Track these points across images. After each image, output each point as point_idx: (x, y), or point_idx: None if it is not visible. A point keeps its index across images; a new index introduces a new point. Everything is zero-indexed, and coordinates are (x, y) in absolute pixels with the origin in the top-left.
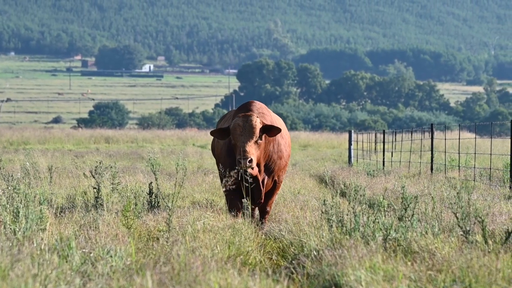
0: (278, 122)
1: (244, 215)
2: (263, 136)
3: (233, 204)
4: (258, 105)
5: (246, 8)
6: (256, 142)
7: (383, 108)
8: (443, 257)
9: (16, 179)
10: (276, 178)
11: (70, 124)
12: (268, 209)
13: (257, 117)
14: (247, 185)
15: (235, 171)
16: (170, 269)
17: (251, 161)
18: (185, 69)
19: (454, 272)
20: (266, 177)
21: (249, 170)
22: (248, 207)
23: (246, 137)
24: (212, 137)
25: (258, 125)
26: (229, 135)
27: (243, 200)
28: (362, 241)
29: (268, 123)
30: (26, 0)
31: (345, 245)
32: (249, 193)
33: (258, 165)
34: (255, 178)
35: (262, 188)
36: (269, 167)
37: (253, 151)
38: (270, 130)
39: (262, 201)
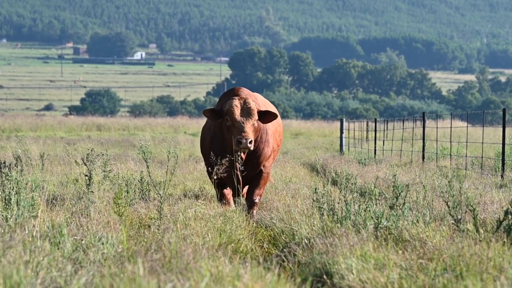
0: (271, 108)
1: (229, 200)
2: (257, 123)
3: (222, 193)
4: (246, 91)
5: None
6: (253, 125)
7: (375, 96)
8: (434, 245)
9: (7, 166)
10: (262, 168)
11: (62, 111)
12: (256, 200)
13: (252, 101)
14: (237, 172)
15: (226, 159)
16: (162, 256)
17: (251, 142)
18: (176, 56)
19: (445, 261)
20: (249, 167)
21: (242, 154)
22: (239, 195)
23: (245, 117)
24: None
25: (255, 108)
26: (221, 117)
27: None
28: (353, 229)
29: (261, 108)
30: None
31: (336, 233)
32: (239, 180)
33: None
34: (233, 167)
35: (240, 178)
36: (254, 155)
37: (251, 133)
38: (264, 116)
39: (241, 187)
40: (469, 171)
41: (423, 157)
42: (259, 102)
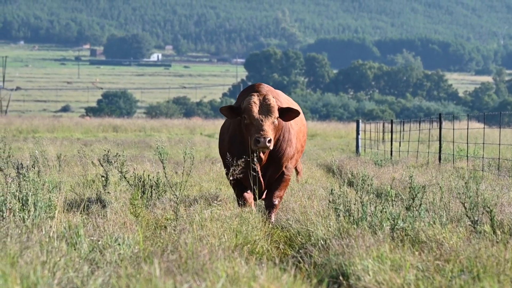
0: (293, 105)
1: (250, 204)
2: (278, 120)
3: (240, 194)
4: (267, 88)
5: None
6: (273, 122)
7: (391, 97)
8: (451, 247)
9: (25, 167)
10: (284, 169)
11: (78, 112)
12: (275, 202)
13: (273, 97)
14: (254, 174)
15: (242, 160)
16: (178, 257)
17: (270, 141)
18: (192, 58)
19: (462, 262)
20: (271, 168)
21: (261, 154)
22: (259, 198)
23: (264, 115)
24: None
25: (276, 105)
26: (239, 115)
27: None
28: (369, 230)
29: (282, 105)
30: None
31: (352, 234)
32: (256, 182)
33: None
34: (253, 168)
35: (262, 180)
36: (276, 156)
37: (270, 131)
38: (286, 113)
39: (264, 188)
40: (486, 173)
41: (440, 159)
42: (281, 99)
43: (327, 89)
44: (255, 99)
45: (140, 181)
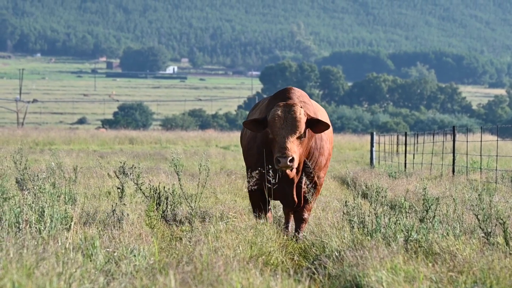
0: (322, 114)
1: (266, 216)
2: (307, 131)
3: (257, 205)
4: (298, 93)
5: (269, 10)
6: (299, 137)
7: (405, 110)
8: (464, 258)
9: (41, 179)
10: (316, 179)
11: (95, 125)
12: (305, 215)
13: (301, 107)
14: (269, 185)
15: (258, 171)
16: (193, 268)
17: (292, 160)
18: (208, 71)
19: (475, 274)
20: (304, 178)
21: (288, 171)
22: (270, 209)
23: (288, 131)
24: (243, 128)
25: (303, 118)
26: (265, 127)
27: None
28: (383, 242)
29: (312, 115)
30: (52, 2)
31: (366, 246)
32: (280, 195)
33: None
34: (288, 180)
35: (294, 191)
36: (308, 165)
37: (295, 148)
38: (316, 125)
39: (296, 202)
40: (499, 185)
41: (453, 171)
42: (311, 107)
43: (342, 102)
44: (280, 111)
45: (155, 193)
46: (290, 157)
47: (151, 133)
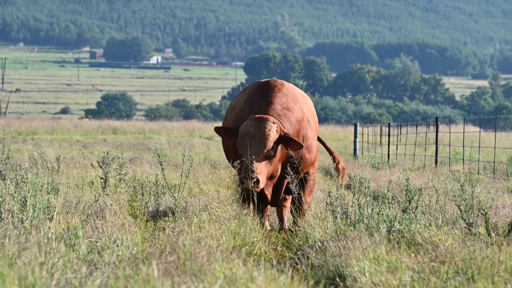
0: (309, 104)
1: (249, 208)
2: (279, 148)
3: (245, 196)
4: (283, 94)
5: (254, 1)
6: (267, 156)
7: (389, 101)
8: (446, 249)
9: (24, 168)
10: (305, 175)
11: (78, 115)
12: (304, 208)
13: (274, 122)
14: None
15: (240, 162)
16: (176, 258)
17: (257, 182)
18: (192, 61)
19: (457, 264)
20: (286, 178)
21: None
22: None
23: (256, 150)
24: (224, 119)
25: (272, 135)
26: (236, 138)
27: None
28: (366, 232)
29: (291, 126)
30: None
31: (349, 236)
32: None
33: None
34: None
35: (269, 194)
36: (295, 164)
37: (261, 168)
38: (289, 143)
39: (272, 199)
40: (482, 176)
41: (436, 162)
42: (297, 109)
43: (326, 93)
44: (250, 127)
45: (138, 183)
46: (254, 179)
47: (135, 124)
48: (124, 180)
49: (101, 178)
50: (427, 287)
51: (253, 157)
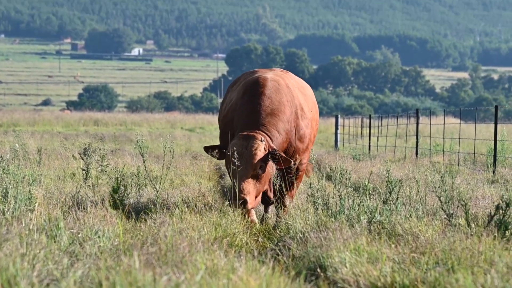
0: (308, 92)
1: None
2: (268, 164)
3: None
4: (266, 96)
5: None
6: (255, 176)
7: (370, 93)
8: (426, 239)
9: (5, 160)
10: (299, 165)
11: (59, 106)
12: (287, 203)
13: (262, 140)
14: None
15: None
16: (158, 249)
17: (245, 202)
18: (174, 53)
19: (437, 255)
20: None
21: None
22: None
23: (243, 170)
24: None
25: (259, 153)
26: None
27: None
28: (347, 223)
29: (280, 134)
30: None
31: (330, 227)
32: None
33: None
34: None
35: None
36: (286, 153)
37: (250, 188)
38: (278, 160)
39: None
40: (462, 167)
41: (417, 153)
42: (290, 89)
43: None
44: (238, 146)
45: (120, 175)
46: (242, 200)
47: (116, 115)
48: (105, 171)
49: (83, 170)
50: (407, 278)
51: (241, 177)
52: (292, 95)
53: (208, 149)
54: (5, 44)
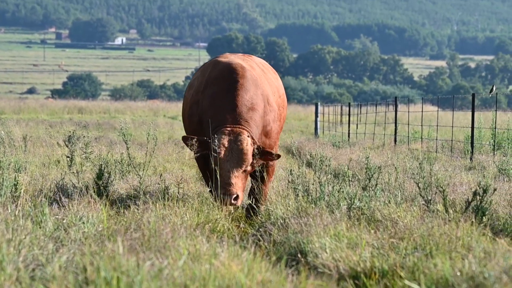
0: (271, 83)
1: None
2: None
3: (204, 174)
4: (245, 89)
5: None
6: (245, 171)
7: (349, 81)
8: (405, 225)
9: None
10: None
11: (44, 95)
12: (260, 205)
13: (249, 135)
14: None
15: (198, 139)
16: (141, 235)
17: (236, 198)
18: (156, 42)
19: (416, 240)
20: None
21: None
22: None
23: (233, 164)
24: (181, 105)
25: (250, 150)
26: (209, 150)
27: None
28: (327, 209)
29: (258, 128)
30: None
31: (310, 213)
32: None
33: None
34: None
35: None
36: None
37: (240, 183)
38: (263, 154)
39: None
40: (440, 154)
41: (395, 140)
42: (255, 65)
43: (287, 73)
44: (225, 141)
45: (104, 162)
46: (234, 195)
47: (100, 103)
48: (89, 158)
49: (67, 157)
50: (387, 263)
51: (231, 172)
52: (263, 88)
53: (187, 139)
54: None
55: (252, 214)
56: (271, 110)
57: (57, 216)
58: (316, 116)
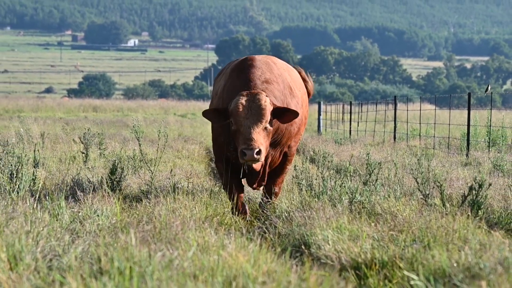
0: (295, 76)
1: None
2: (273, 122)
3: (231, 187)
4: (257, 67)
5: None
6: (265, 128)
7: (350, 81)
8: (404, 218)
9: (11, 143)
10: (287, 150)
11: (61, 94)
12: (276, 189)
13: (266, 96)
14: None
15: (231, 150)
16: (152, 227)
17: (259, 152)
18: (167, 44)
19: (414, 232)
20: (271, 154)
21: (254, 165)
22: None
23: (253, 120)
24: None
25: (268, 106)
26: (227, 118)
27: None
28: (329, 203)
29: (276, 98)
30: None
31: (313, 207)
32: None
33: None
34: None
35: (261, 173)
36: (276, 138)
37: (261, 139)
38: (283, 114)
39: (265, 183)
40: (437, 151)
41: (395, 137)
42: (278, 67)
43: None
44: (243, 100)
45: (117, 157)
46: (257, 149)
47: (114, 102)
48: (104, 154)
49: (83, 153)
50: (386, 254)
51: (251, 128)
52: (281, 73)
53: (207, 112)
54: (10, 35)
55: (269, 198)
56: (294, 95)
57: (73, 209)
58: (319, 114)
